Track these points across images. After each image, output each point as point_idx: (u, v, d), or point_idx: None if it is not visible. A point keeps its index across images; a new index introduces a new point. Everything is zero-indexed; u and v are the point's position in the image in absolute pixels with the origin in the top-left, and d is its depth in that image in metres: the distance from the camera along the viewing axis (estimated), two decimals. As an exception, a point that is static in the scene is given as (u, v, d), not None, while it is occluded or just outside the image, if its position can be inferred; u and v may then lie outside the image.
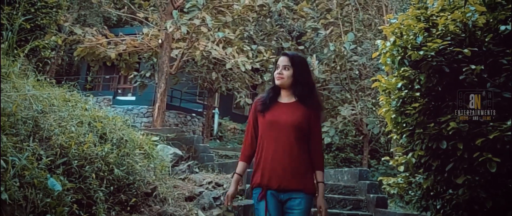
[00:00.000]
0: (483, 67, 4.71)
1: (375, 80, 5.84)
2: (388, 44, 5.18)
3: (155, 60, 16.58)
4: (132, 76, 17.94)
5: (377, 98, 16.45)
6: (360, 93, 16.64)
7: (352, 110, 15.97)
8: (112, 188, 5.55)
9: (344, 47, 14.44)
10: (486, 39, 4.92)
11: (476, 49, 4.83)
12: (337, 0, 15.79)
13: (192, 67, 17.70)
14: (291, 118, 3.60)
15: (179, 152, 8.80)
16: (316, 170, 3.65)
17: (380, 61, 5.49)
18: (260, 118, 3.70)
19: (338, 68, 15.50)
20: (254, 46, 15.84)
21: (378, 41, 5.45)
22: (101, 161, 5.41)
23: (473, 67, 4.66)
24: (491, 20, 5.03)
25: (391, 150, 10.10)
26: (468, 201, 4.95)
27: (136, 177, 5.99)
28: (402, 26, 5.14)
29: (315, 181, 3.67)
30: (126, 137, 6.10)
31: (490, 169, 4.52)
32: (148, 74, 17.45)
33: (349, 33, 15.04)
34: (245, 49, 14.69)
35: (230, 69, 15.52)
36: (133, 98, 22.53)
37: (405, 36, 5.08)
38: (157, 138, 7.88)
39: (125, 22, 22.29)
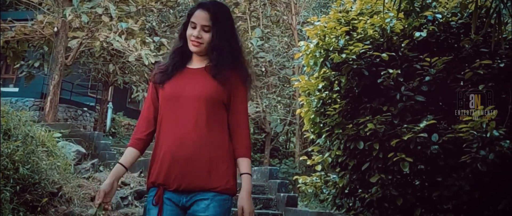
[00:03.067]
0: (399, 72, 5.20)
1: (288, 79, 6.21)
2: (311, 45, 5.56)
3: (46, 49, 16.02)
4: (18, 65, 17.18)
5: (283, 96, 17.14)
6: (264, 90, 17.11)
7: (256, 107, 16.41)
8: (18, 187, 5.48)
9: (251, 43, 14.82)
10: (402, 45, 5.44)
11: (393, 54, 5.33)
12: (245, -6, 16.20)
13: (88, 58, 17.30)
14: (201, 88, 2.70)
15: (82, 150, 8.73)
16: (239, 157, 2.70)
17: (303, 62, 5.86)
18: (160, 91, 2.78)
19: (244, 64, 15.82)
20: (156, 38, 15.80)
21: (302, 43, 5.82)
22: (7, 159, 5.34)
23: (390, 71, 5.14)
24: (407, 26, 5.55)
25: (308, 149, 10.57)
26: (380, 199, 5.44)
27: (41, 176, 5.94)
28: (325, 28, 5.53)
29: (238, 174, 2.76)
30: (31, 133, 6.02)
31: (403, 169, 5.01)
32: (36, 64, 16.80)
33: (257, 28, 15.46)
34: (147, 41, 14.64)
35: (128, 61, 15.38)
36: (16, 89, 21.51)
37: (327, 39, 5.48)
38: (59, 135, 7.78)
39: (9, 5, 21.25)
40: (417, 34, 5.46)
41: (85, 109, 21.53)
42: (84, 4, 12.51)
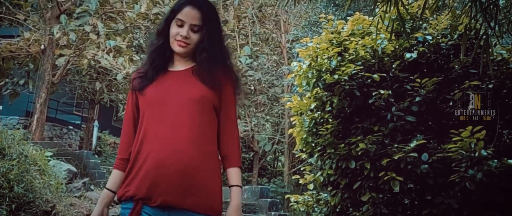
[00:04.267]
0: (390, 92, 5.44)
1: (277, 98, 6.44)
2: (304, 66, 5.79)
3: (31, 66, 16.12)
4: (3, 83, 17.23)
5: (271, 115, 17.33)
6: (253, 109, 17.29)
7: (245, 126, 16.58)
8: (13, 206, 5.62)
9: (240, 61, 15.04)
10: (393, 66, 5.68)
11: (384, 74, 5.57)
12: (235, 12, 16.42)
13: (74, 76, 17.42)
14: (189, 91, 2.45)
15: (73, 169, 8.88)
16: (228, 168, 2.48)
17: (295, 82, 6.08)
18: (141, 98, 2.51)
19: (232, 82, 16.00)
20: (143, 56, 15.96)
21: (294, 63, 6.05)
22: (2, 178, 5.49)
23: (381, 92, 5.37)
24: (397, 47, 5.80)
25: (301, 168, 10.73)
26: (371, 217, 5.65)
27: (35, 195, 6.08)
28: (317, 49, 5.76)
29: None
30: (25, 152, 6.18)
31: (394, 187, 5.21)
32: (21, 82, 16.86)
33: (245, 46, 15.67)
34: (135, 58, 14.81)
35: (115, 79, 15.55)
36: (0, 107, 21.54)
37: (319, 59, 5.71)
38: (50, 154, 7.92)
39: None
40: (407, 55, 5.70)
41: (71, 127, 21.57)
42: (72, 22, 12.64)
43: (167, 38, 2.51)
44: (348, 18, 6.52)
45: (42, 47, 13.96)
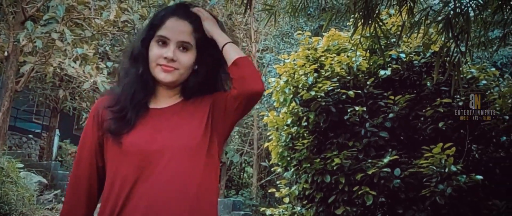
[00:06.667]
0: (365, 109, 5.83)
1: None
2: (281, 82, 6.15)
3: (-7, 73, 16.09)
4: (-39, 90, 17.12)
5: (240, 125, 17.59)
6: (221, 119, 17.50)
7: (213, 136, 16.81)
8: (-10, 218, 5.83)
9: (209, 71, 15.22)
10: (368, 82, 6.08)
11: (359, 91, 5.96)
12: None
13: (36, 83, 17.43)
14: (180, 137, 1.87)
15: (44, 180, 9.04)
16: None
17: (273, 97, 6.43)
18: (112, 144, 1.89)
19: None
20: (109, 63, 16.05)
21: (273, 79, 6.40)
22: (-21, 191, 5.70)
23: (357, 108, 5.76)
24: (372, 64, 6.20)
25: (277, 182, 10.97)
26: (345, 230, 6.01)
27: (11, 207, 6.28)
28: (295, 66, 6.13)
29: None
30: (1, 164, 6.37)
31: (367, 201, 5.60)
32: (-19, 89, 16.81)
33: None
34: (101, 66, 14.89)
35: (78, 86, 15.64)
36: (-45, 114, 21.32)
37: (296, 76, 6.08)
38: (22, 165, 8.09)
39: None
40: (381, 72, 6.10)
41: (31, 136, 21.46)
42: (38, 28, 12.65)
43: (146, 63, 1.93)
44: (323, 33, 6.86)
45: (6, 53, 13.95)
